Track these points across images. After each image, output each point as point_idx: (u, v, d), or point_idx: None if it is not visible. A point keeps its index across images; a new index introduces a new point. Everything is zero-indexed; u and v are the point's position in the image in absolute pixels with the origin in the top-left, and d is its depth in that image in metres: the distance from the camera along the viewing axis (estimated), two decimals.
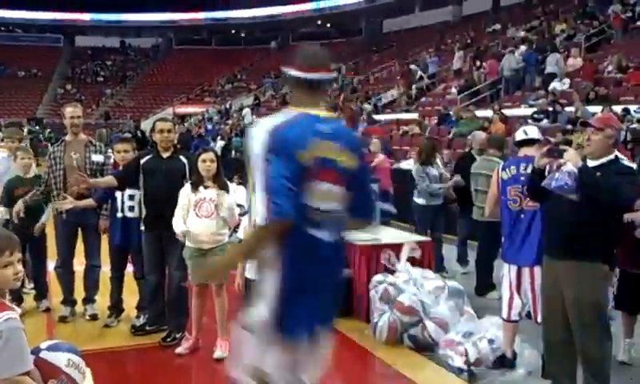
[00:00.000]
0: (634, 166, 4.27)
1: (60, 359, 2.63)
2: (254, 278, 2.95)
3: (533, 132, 4.83)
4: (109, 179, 5.22)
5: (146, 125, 32.40)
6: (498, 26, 26.03)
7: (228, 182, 5.05)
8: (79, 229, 5.69)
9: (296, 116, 2.64)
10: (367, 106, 21.97)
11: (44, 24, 50.38)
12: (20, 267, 2.55)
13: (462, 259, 7.81)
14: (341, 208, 2.69)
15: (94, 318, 5.67)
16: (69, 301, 5.78)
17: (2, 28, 50.33)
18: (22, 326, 2.46)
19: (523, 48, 18.18)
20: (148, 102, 42.74)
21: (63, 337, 3.01)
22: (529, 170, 4.49)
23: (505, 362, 4.68)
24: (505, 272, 4.73)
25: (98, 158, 5.67)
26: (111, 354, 4.91)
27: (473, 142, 7.72)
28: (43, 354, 2.59)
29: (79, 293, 5.85)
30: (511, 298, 4.65)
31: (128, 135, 13.10)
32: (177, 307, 5.12)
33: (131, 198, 5.34)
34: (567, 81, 15.49)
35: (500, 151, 6.83)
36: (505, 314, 4.69)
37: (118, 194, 5.37)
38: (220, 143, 18.90)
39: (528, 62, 17.35)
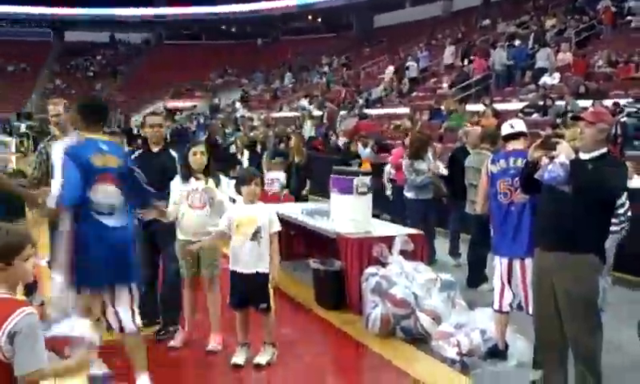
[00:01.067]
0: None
1: (65, 327, 2.63)
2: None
3: (519, 125, 4.85)
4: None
5: (136, 120, 32.30)
6: (488, 22, 26.07)
7: (221, 176, 5.07)
8: None
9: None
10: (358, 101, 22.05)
11: (33, 18, 50.01)
12: (36, 260, 2.62)
13: (454, 252, 7.85)
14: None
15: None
16: None
17: None
18: (39, 322, 2.48)
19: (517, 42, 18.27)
20: (138, 96, 42.53)
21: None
22: (518, 164, 4.55)
23: (497, 353, 4.72)
24: (496, 264, 4.77)
25: None
26: (104, 347, 4.88)
27: (468, 137, 7.72)
28: (50, 333, 2.58)
29: None
30: (502, 290, 4.69)
31: (117, 130, 13.01)
32: (170, 301, 5.13)
33: None
34: (557, 75, 15.56)
35: (493, 146, 6.86)
36: (496, 306, 4.73)
37: None
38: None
39: (519, 57, 17.42)
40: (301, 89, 30.81)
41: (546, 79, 15.47)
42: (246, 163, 10.34)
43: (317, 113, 22.43)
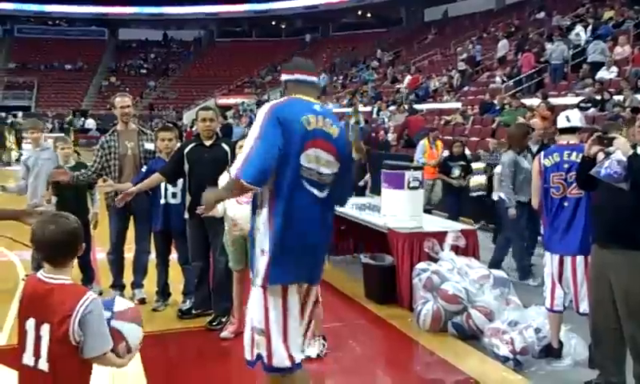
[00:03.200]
0: None
1: (124, 327, 2.66)
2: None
3: (575, 119, 4.70)
4: (155, 178, 5.26)
5: (188, 116, 32.85)
6: (542, 14, 25.49)
7: None
8: (130, 216, 5.83)
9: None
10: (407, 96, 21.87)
11: (89, 18, 51.39)
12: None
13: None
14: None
15: (142, 302, 5.78)
16: (118, 285, 5.93)
17: (49, 22, 51.59)
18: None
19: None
20: (190, 93, 43.26)
21: None
22: (572, 158, 4.44)
23: (551, 352, 4.63)
24: (547, 261, 4.68)
25: (150, 146, 5.80)
26: (159, 336, 5.01)
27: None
28: (114, 324, 2.64)
29: (128, 278, 6.00)
30: (553, 288, 4.60)
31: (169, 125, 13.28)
32: (222, 292, 5.20)
33: (174, 184, 5.45)
34: (615, 69, 15.10)
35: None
36: (548, 304, 4.64)
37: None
38: None
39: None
40: (350, 84, 30.77)
41: (602, 73, 15.03)
42: None
43: (365, 109, 22.38)
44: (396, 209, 6.03)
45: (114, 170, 5.71)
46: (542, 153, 4.80)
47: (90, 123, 34.44)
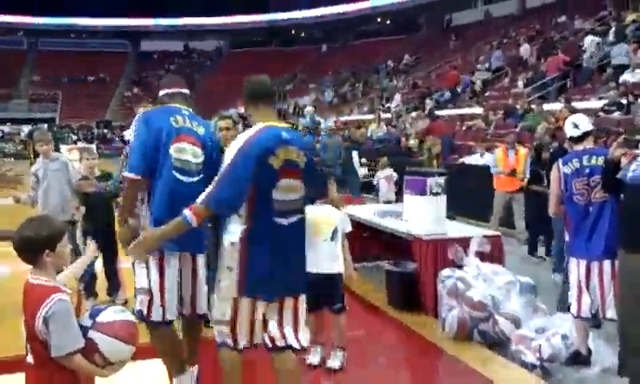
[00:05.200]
0: None
1: (102, 339, 2.71)
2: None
3: (584, 124, 4.65)
4: None
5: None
6: (564, 18, 25.26)
7: None
8: None
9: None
10: (429, 102, 21.79)
11: (110, 30, 52.10)
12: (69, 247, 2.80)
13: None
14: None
15: None
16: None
17: (72, 35, 52.38)
18: (72, 307, 2.67)
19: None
20: (211, 103, 43.52)
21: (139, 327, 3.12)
22: (593, 162, 4.40)
23: (579, 359, 4.56)
24: (572, 267, 4.61)
25: None
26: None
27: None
28: (91, 334, 2.71)
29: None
30: (580, 295, 4.54)
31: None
32: None
33: None
34: (639, 71, 14.87)
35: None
36: (574, 311, 4.57)
37: None
38: None
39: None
40: (371, 91, 30.76)
41: (626, 76, 14.82)
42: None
43: (385, 115, 22.34)
44: (418, 215, 5.98)
45: None
46: (560, 160, 4.74)
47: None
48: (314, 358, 4.66)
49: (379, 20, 47.40)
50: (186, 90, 4.18)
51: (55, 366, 2.61)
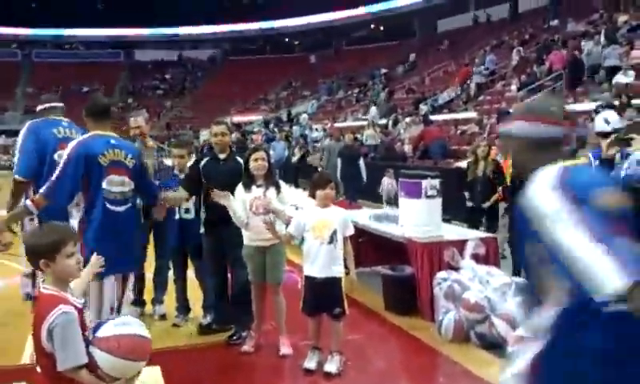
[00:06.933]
0: None
1: (99, 355, 2.66)
2: None
3: (615, 122, 4.60)
4: (183, 194, 5.22)
5: (205, 135, 33.00)
6: (556, 22, 25.37)
7: (282, 182, 5.12)
8: (150, 232, 5.84)
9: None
10: (423, 107, 21.82)
11: (104, 40, 52.08)
12: (80, 256, 2.74)
13: None
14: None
15: (162, 317, 5.80)
16: (139, 301, 5.94)
17: (66, 46, 52.37)
18: (76, 320, 2.57)
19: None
20: (206, 112, 43.53)
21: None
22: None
23: None
24: None
25: (169, 162, 5.86)
26: (180, 352, 5.01)
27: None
28: (91, 349, 2.66)
29: (148, 293, 6.00)
30: None
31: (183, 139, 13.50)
32: (242, 306, 5.17)
33: (187, 200, 5.44)
34: (632, 73, 14.94)
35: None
36: None
37: None
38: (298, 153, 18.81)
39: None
40: (365, 98, 30.80)
41: (619, 78, 14.88)
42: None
43: (381, 122, 22.36)
44: (414, 218, 5.99)
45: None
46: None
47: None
48: (310, 363, 4.65)
49: (372, 26, 47.55)
50: (61, 104, 5.56)
51: (64, 377, 2.55)
